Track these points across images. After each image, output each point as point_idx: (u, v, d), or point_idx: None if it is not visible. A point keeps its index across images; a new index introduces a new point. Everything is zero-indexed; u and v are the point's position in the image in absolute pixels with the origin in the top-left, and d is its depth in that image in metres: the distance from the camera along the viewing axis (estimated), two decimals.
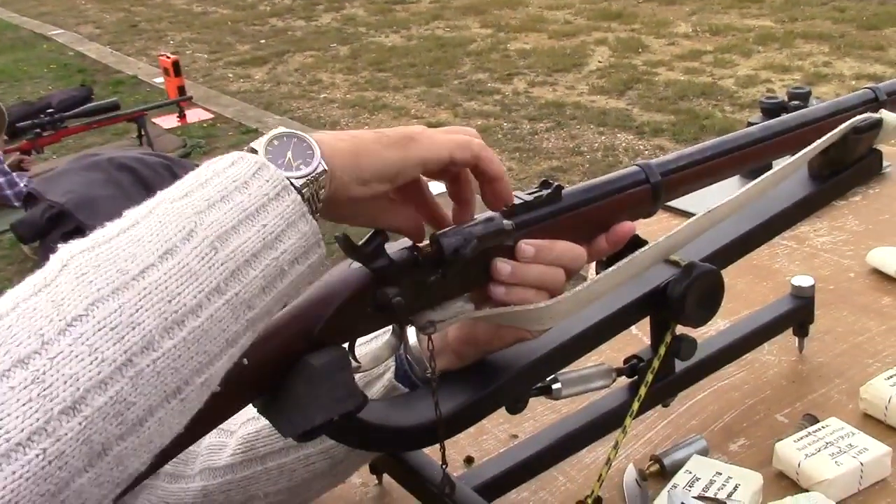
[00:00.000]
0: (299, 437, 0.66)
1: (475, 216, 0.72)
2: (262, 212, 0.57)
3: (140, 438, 0.51)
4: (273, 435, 0.81)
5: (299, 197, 0.58)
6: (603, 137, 5.21)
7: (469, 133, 0.71)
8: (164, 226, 0.54)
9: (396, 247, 0.70)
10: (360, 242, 0.67)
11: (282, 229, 0.57)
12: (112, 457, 0.50)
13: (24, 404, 0.47)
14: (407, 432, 0.76)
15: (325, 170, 0.60)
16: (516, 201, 0.75)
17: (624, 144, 5.07)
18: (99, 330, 0.50)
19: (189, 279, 0.53)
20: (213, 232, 0.55)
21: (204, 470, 0.82)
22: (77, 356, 0.49)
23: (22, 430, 0.47)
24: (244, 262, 0.56)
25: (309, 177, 0.60)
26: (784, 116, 0.97)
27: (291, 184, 0.59)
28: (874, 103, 1.02)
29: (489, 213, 0.74)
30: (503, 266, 0.72)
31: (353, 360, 0.69)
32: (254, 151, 0.60)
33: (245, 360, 0.60)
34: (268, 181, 0.58)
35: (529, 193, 0.77)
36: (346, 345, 0.68)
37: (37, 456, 0.47)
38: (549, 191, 0.77)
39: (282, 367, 0.65)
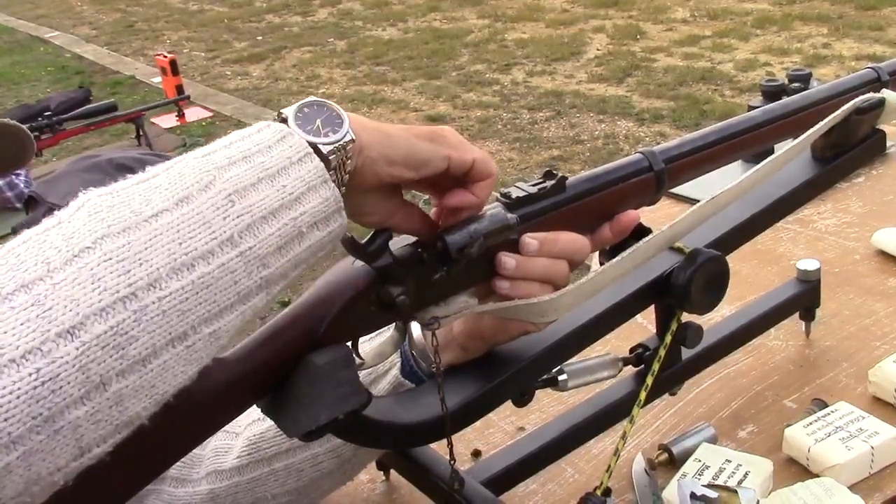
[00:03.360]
0: (304, 436, 0.66)
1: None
2: (283, 173, 0.58)
3: (142, 379, 0.51)
4: (279, 435, 0.81)
5: (322, 164, 0.59)
6: (603, 125, 5.19)
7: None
8: (183, 177, 0.55)
9: (399, 244, 0.69)
10: (364, 241, 0.66)
11: (302, 192, 0.58)
12: (111, 393, 0.49)
13: (21, 323, 0.47)
14: (413, 428, 0.75)
15: (353, 139, 0.61)
16: (520, 193, 0.74)
17: (624, 132, 5.05)
18: (105, 261, 0.50)
19: (202, 226, 0.54)
20: (232, 186, 0.56)
21: (210, 473, 0.82)
22: (79, 283, 0.49)
23: (17, 348, 0.47)
24: (260, 217, 0.56)
25: (337, 143, 0.60)
26: (786, 99, 0.96)
27: (319, 150, 0.59)
28: (877, 83, 1.01)
29: (493, 207, 0.73)
30: (508, 260, 0.71)
31: (356, 358, 0.68)
32: (283, 120, 0.61)
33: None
34: (291, 147, 0.59)
35: (532, 185, 0.76)
36: (349, 343, 0.68)
37: (30, 375, 0.47)
38: (552, 182, 0.76)
39: (286, 367, 0.64)
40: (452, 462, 0.76)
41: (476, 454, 1.03)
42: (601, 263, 0.80)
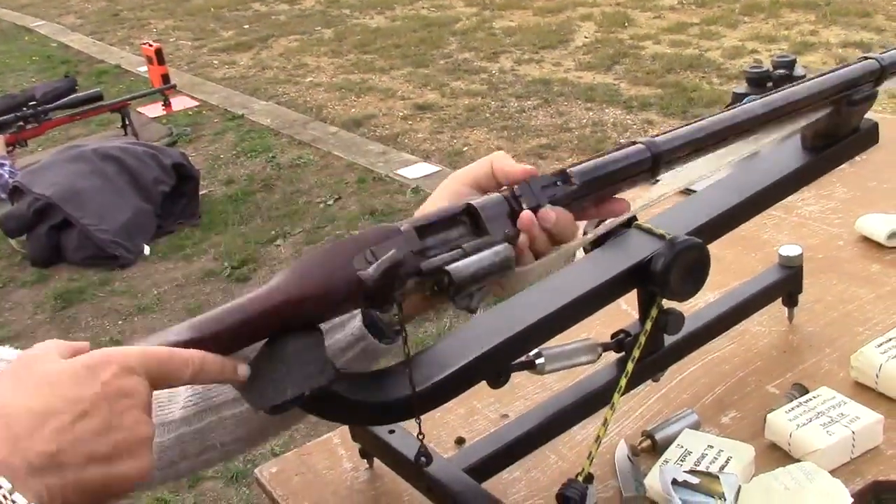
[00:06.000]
0: (270, 410, 0.66)
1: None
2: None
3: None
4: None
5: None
6: (591, 113, 5.18)
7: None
8: None
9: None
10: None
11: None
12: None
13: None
14: (382, 406, 0.75)
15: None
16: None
17: (612, 119, 5.04)
18: None
19: None
20: None
21: (157, 426, 0.81)
22: None
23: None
24: None
25: None
26: (791, 89, 0.94)
27: None
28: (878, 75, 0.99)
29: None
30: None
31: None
32: None
33: None
34: None
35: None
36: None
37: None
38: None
39: (256, 337, 0.66)
40: (421, 437, 0.77)
41: (460, 441, 1.03)
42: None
